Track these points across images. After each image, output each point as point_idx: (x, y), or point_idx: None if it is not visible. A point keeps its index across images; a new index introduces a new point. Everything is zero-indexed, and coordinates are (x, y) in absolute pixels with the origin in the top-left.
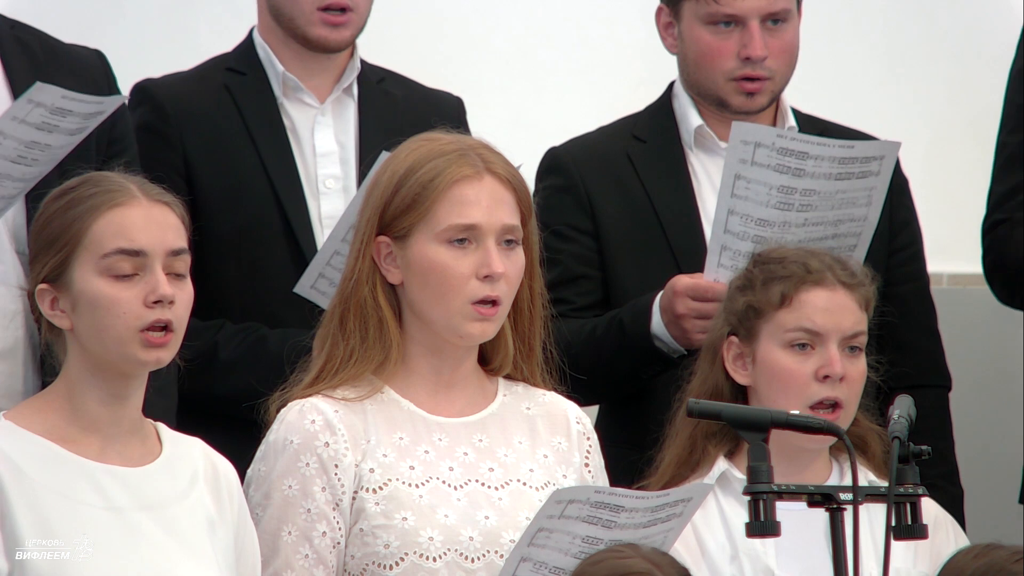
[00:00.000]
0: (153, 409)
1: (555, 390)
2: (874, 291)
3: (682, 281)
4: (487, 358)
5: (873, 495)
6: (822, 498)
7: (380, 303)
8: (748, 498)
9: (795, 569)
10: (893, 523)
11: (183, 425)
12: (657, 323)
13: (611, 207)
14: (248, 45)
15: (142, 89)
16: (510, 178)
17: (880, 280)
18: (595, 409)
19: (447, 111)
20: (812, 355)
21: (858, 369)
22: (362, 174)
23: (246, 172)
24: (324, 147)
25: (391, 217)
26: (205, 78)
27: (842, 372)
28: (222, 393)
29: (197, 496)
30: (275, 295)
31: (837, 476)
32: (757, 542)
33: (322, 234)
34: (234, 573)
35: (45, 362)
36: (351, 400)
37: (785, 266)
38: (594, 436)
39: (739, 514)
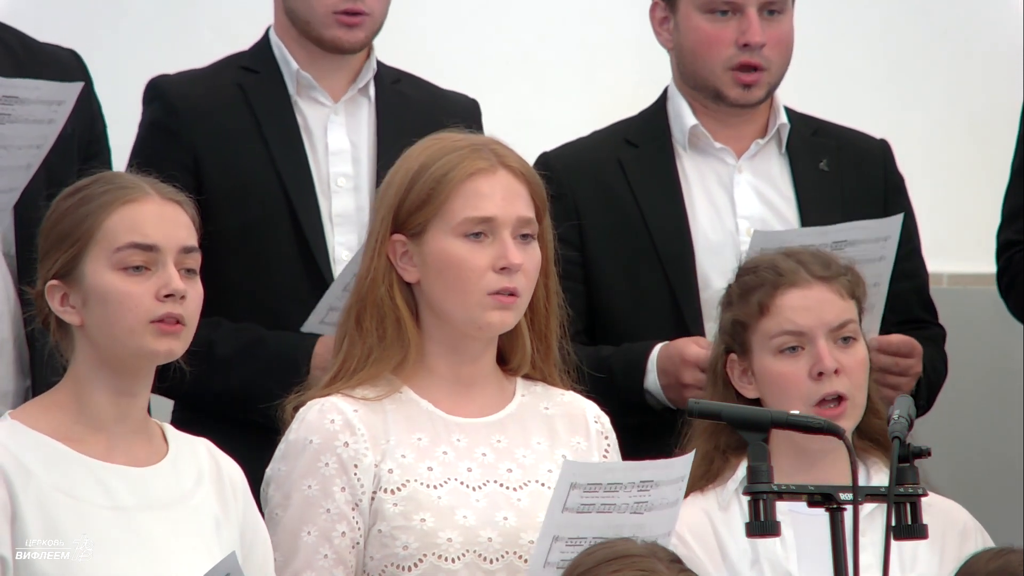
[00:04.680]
0: None
1: (573, 389)
2: (856, 278)
3: (692, 350)
4: (505, 357)
5: (873, 495)
6: (822, 498)
7: (397, 302)
8: (748, 498)
9: (816, 573)
10: (893, 523)
11: (179, 424)
12: (652, 382)
13: (599, 215)
14: (264, 43)
15: (155, 86)
16: (524, 172)
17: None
18: None
19: (463, 113)
20: (803, 355)
21: (855, 358)
22: (378, 175)
23: (256, 170)
24: (336, 145)
25: (406, 214)
26: (219, 76)
27: (834, 365)
28: (216, 391)
29: (203, 496)
30: (283, 293)
31: (863, 476)
32: (778, 547)
33: (332, 233)
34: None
35: (34, 363)
36: (370, 400)
37: (758, 274)
38: (612, 435)
39: None
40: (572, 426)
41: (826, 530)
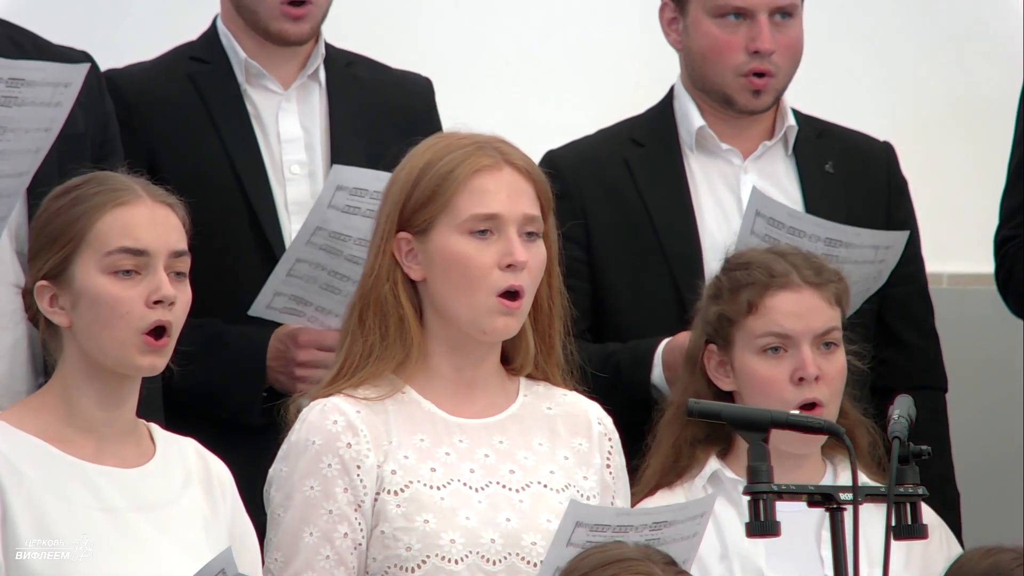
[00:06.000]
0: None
1: (576, 389)
2: (844, 286)
3: None
4: (509, 357)
5: (873, 495)
6: (822, 498)
7: (401, 300)
8: (748, 498)
9: (785, 569)
10: (893, 523)
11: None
12: (658, 376)
13: (605, 215)
14: (211, 33)
15: (106, 79)
16: (529, 169)
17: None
18: None
19: (416, 92)
20: (786, 358)
21: (835, 366)
22: (332, 159)
23: (210, 160)
24: (289, 133)
25: (411, 211)
26: (169, 67)
27: (816, 372)
28: (178, 389)
29: (191, 496)
30: (242, 283)
31: (831, 476)
32: (747, 543)
33: (288, 221)
34: None
35: (47, 362)
36: (372, 400)
37: (750, 272)
38: (615, 436)
39: (729, 513)
40: (574, 427)
41: (795, 527)
